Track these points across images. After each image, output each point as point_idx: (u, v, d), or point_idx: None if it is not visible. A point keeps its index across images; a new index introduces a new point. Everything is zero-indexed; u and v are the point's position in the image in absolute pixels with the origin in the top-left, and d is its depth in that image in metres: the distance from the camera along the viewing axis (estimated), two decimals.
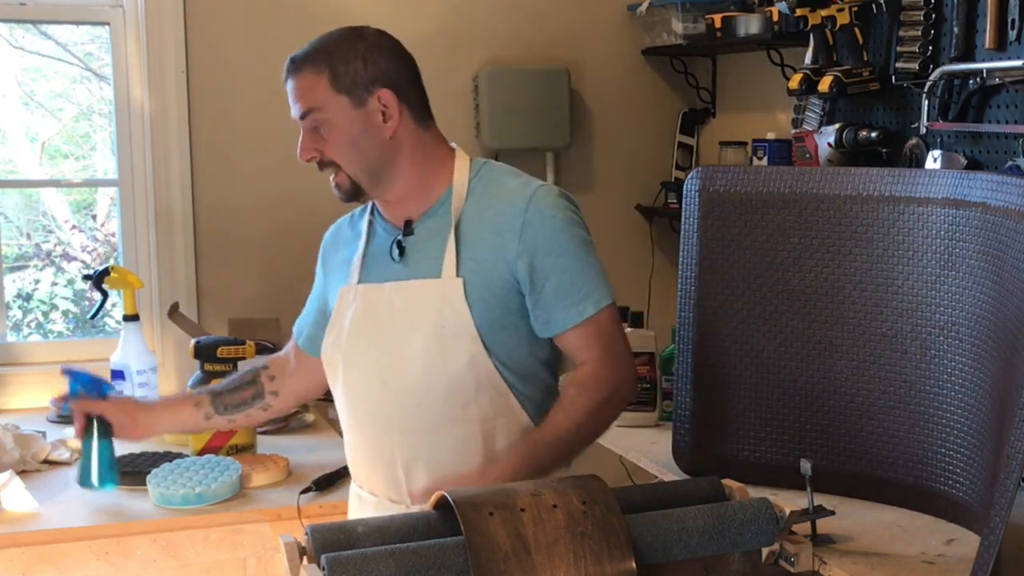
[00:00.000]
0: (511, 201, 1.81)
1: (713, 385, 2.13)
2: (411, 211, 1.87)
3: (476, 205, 1.83)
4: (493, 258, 1.79)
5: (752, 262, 2.09)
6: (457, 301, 1.78)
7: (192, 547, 2.22)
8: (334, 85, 1.79)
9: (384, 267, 1.88)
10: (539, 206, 1.79)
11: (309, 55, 1.82)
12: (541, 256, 1.78)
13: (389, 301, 1.85)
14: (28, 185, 3.61)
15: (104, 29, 3.22)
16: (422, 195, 1.86)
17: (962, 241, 1.85)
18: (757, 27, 3.03)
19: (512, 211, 1.79)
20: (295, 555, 1.41)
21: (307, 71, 1.81)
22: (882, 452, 1.99)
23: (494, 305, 1.80)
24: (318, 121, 1.81)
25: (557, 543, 1.36)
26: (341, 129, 1.81)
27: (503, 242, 1.79)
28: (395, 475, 1.85)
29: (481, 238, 1.81)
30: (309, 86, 1.80)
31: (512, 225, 1.79)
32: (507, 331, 1.81)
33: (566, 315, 1.79)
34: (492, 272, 1.79)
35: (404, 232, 1.87)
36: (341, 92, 1.79)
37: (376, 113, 1.80)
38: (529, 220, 1.78)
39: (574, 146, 3.55)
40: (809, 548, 1.52)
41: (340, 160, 1.84)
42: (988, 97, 2.40)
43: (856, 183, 2.01)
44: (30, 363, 3.14)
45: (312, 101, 1.80)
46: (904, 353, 1.95)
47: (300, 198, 3.32)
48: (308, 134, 1.84)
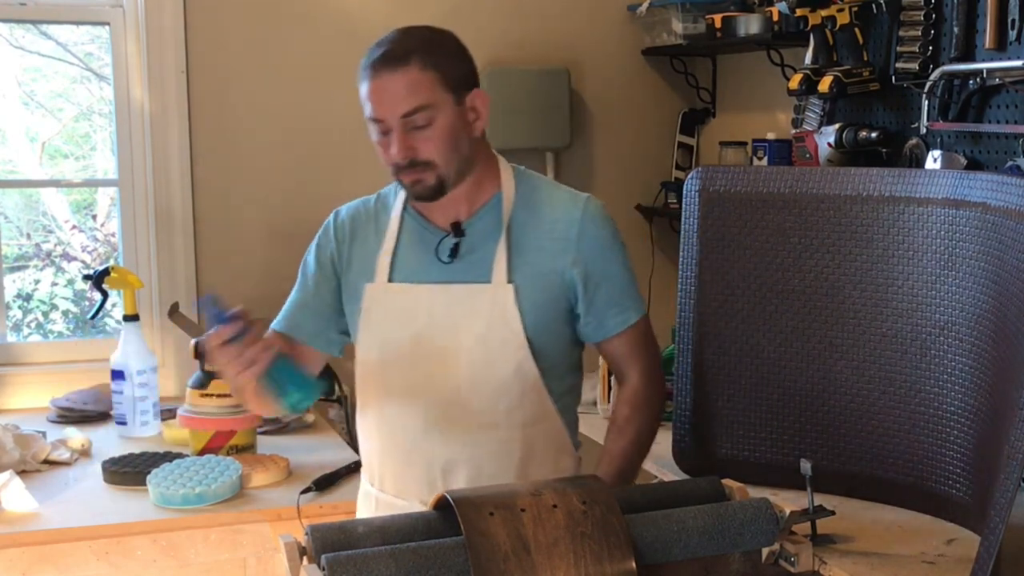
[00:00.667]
0: (566, 210, 1.85)
1: (713, 385, 2.13)
2: (459, 212, 1.85)
3: (526, 211, 1.85)
4: (548, 264, 1.82)
5: (752, 262, 2.09)
6: (508, 307, 1.79)
7: (192, 547, 2.22)
8: (443, 83, 1.75)
9: (424, 267, 1.85)
10: (593, 216, 1.86)
11: (413, 52, 1.74)
12: (594, 264, 1.84)
13: (431, 302, 1.83)
14: (28, 185, 3.61)
15: (104, 29, 3.22)
16: (473, 197, 1.86)
17: (962, 241, 1.85)
18: (757, 27, 3.03)
19: (568, 220, 1.84)
20: (295, 555, 1.41)
21: (414, 68, 1.73)
22: (882, 452, 1.99)
23: (544, 312, 1.82)
24: (424, 119, 1.75)
25: (557, 543, 1.36)
26: (445, 127, 1.76)
27: (559, 249, 1.83)
28: (432, 477, 1.84)
29: (535, 244, 1.83)
30: (417, 83, 1.73)
31: (567, 234, 1.83)
32: (552, 337, 1.84)
33: (615, 321, 1.87)
34: (545, 279, 1.82)
35: (455, 233, 1.85)
36: (448, 90, 1.76)
37: (469, 112, 1.80)
38: (584, 230, 1.84)
39: (574, 146, 3.55)
40: (809, 548, 1.52)
41: (438, 158, 1.77)
42: (988, 97, 2.40)
43: (856, 183, 2.01)
44: (30, 363, 3.14)
45: (422, 98, 1.74)
46: (904, 353, 1.95)
47: (300, 198, 3.32)
48: (405, 133, 1.76)
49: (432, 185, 1.80)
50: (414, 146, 1.76)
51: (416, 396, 1.85)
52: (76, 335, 3.64)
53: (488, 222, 1.84)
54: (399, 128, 1.75)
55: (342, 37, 3.29)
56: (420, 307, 1.84)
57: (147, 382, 2.78)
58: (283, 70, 3.29)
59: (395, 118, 1.75)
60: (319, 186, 3.33)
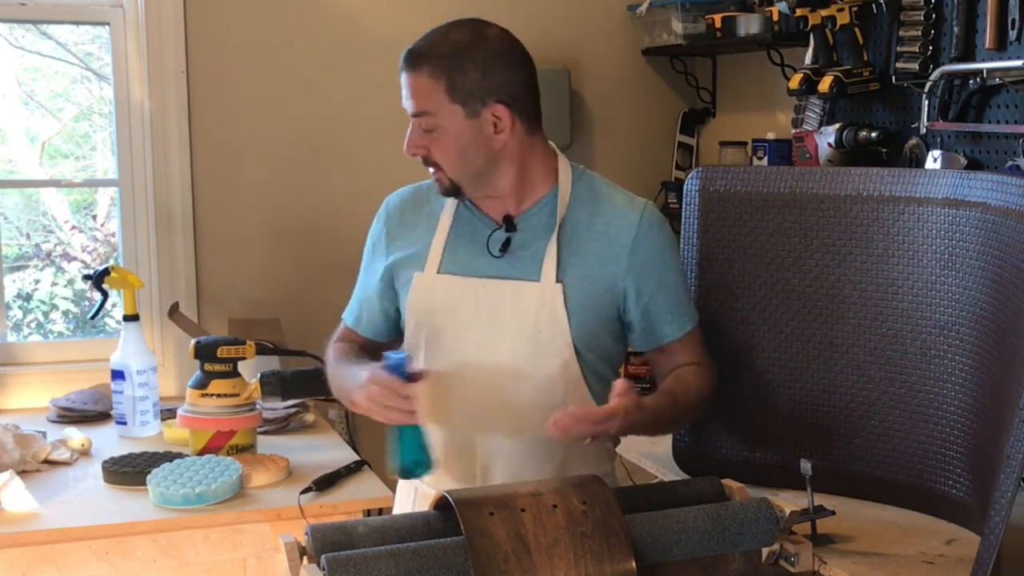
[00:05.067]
0: (623, 214, 1.84)
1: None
2: (510, 207, 1.84)
3: (582, 211, 1.83)
4: (599, 266, 1.81)
5: (752, 262, 2.09)
6: (556, 307, 1.78)
7: (192, 547, 2.22)
8: (450, 94, 1.74)
9: (473, 259, 1.84)
10: (651, 222, 1.85)
11: (430, 56, 1.75)
12: (650, 271, 1.83)
13: (480, 297, 1.81)
14: (28, 185, 3.61)
15: (104, 29, 3.22)
16: (524, 193, 1.84)
17: (962, 241, 1.85)
18: (757, 27, 3.03)
19: (625, 224, 1.82)
20: (295, 555, 1.41)
21: (425, 73, 1.74)
22: (882, 452, 1.99)
23: (592, 313, 1.81)
24: (429, 124, 1.76)
25: (557, 543, 1.36)
26: (451, 137, 1.76)
27: (613, 253, 1.81)
28: (472, 472, 1.84)
29: (588, 245, 1.81)
30: (426, 89, 1.74)
31: (623, 238, 1.81)
32: (596, 340, 1.83)
33: (671, 328, 1.86)
34: (596, 280, 1.81)
35: (506, 228, 1.83)
36: (456, 102, 1.74)
37: (488, 124, 1.77)
38: (642, 235, 1.82)
39: (574, 146, 3.55)
40: (809, 548, 1.53)
41: (444, 164, 1.79)
42: (988, 97, 2.40)
43: (856, 183, 2.01)
44: (30, 363, 3.14)
45: (426, 104, 1.75)
46: (904, 353, 1.95)
47: (300, 198, 3.33)
48: (417, 132, 1.78)
49: (447, 186, 1.81)
50: (425, 145, 1.78)
51: (457, 391, 1.83)
52: (76, 335, 3.64)
53: (541, 218, 1.83)
54: (413, 124, 1.78)
55: (342, 37, 3.29)
56: (467, 300, 1.82)
57: (147, 382, 2.78)
58: (283, 70, 3.29)
59: (410, 115, 1.78)
60: (319, 186, 3.34)
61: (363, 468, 2.49)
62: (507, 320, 1.80)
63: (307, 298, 3.31)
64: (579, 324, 1.79)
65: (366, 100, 3.32)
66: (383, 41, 3.29)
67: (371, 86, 3.31)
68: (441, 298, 1.84)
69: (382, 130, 3.32)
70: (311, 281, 3.33)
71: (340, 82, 3.33)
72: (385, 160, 3.34)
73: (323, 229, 3.34)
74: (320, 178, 3.35)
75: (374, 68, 3.31)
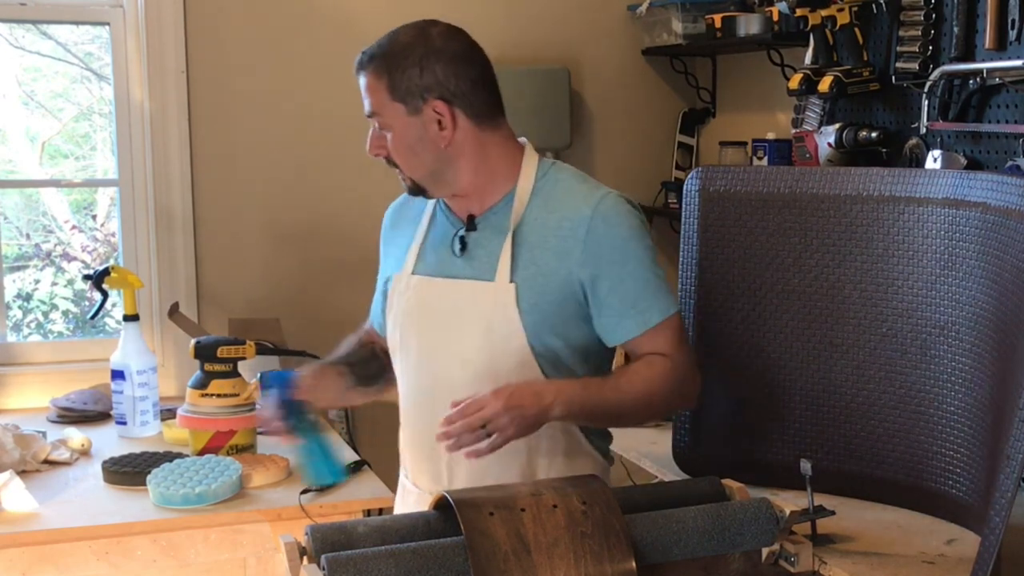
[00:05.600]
0: (577, 207, 1.79)
1: (713, 385, 2.13)
2: (474, 206, 1.85)
3: (540, 208, 1.82)
4: (555, 264, 1.78)
5: (752, 262, 2.09)
6: (508, 307, 1.78)
7: (192, 547, 2.22)
8: (391, 92, 1.77)
9: (441, 259, 1.86)
10: (605, 214, 1.78)
11: (374, 57, 1.79)
12: (606, 265, 1.78)
13: (441, 297, 1.84)
14: (28, 185, 3.61)
15: (104, 29, 3.22)
16: (487, 192, 1.84)
17: (962, 241, 1.85)
18: (757, 27, 3.03)
19: (577, 218, 1.78)
20: (295, 555, 1.41)
21: (371, 73, 1.79)
22: (882, 452, 1.99)
23: (549, 313, 1.79)
24: (381, 124, 1.81)
25: (557, 543, 1.36)
26: (398, 135, 1.80)
27: (567, 248, 1.78)
28: (439, 470, 1.85)
29: (544, 243, 1.80)
30: (372, 88, 1.80)
31: (576, 232, 1.78)
32: (559, 338, 1.80)
33: (632, 323, 1.79)
34: (551, 278, 1.78)
35: (467, 227, 1.85)
36: (397, 100, 1.78)
37: (432, 122, 1.78)
38: (594, 228, 1.77)
39: (574, 146, 3.55)
40: (809, 548, 1.52)
41: (399, 162, 1.83)
42: (988, 97, 2.40)
43: (856, 183, 2.01)
44: (30, 363, 3.14)
45: (374, 104, 1.80)
46: (904, 353, 1.95)
47: (300, 198, 3.33)
48: (375, 132, 1.83)
49: (410, 185, 1.85)
50: (384, 147, 1.83)
51: (423, 390, 1.86)
52: (76, 335, 3.64)
53: (502, 217, 1.83)
54: (373, 126, 1.83)
55: (342, 37, 3.29)
56: (432, 301, 1.85)
57: (147, 382, 2.78)
58: (283, 70, 3.29)
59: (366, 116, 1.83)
60: (319, 186, 3.34)
61: (363, 468, 2.49)
62: (465, 320, 1.81)
63: (307, 298, 3.31)
64: (533, 323, 1.78)
65: None
66: None
67: None
68: (413, 299, 1.87)
69: None
70: (311, 281, 3.33)
71: (340, 82, 3.32)
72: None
73: (323, 229, 3.34)
74: (320, 178, 3.34)
75: None
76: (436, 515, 1.48)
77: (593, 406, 1.75)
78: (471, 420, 1.64)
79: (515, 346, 1.79)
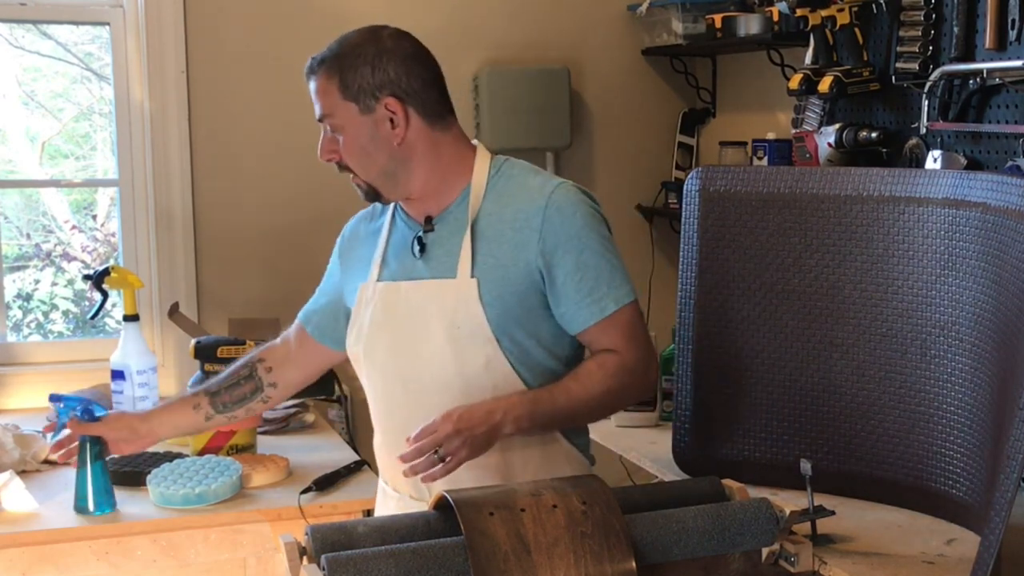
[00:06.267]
0: (530, 199, 1.80)
1: (713, 385, 2.13)
2: (431, 208, 1.86)
3: (495, 203, 1.83)
4: (512, 256, 1.79)
5: (752, 262, 2.09)
6: (472, 302, 1.78)
7: (192, 547, 2.22)
8: (342, 92, 1.79)
9: (403, 263, 1.88)
10: (559, 204, 1.79)
11: (325, 58, 1.82)
12: (561, 254, 1.78)
13: (406, 300, 1.85)
14: (28, 185, 3.61)
15: (104, 29, 3.22)
16: (441, 193, 1.86)
17: (962, 241, 1.85)
18: (757, 27, 3.03)
19: (531, 209, 1.79)
20: (295, 555, 1.41)
21: (322, 75, 1.81)
22: (882, 452, 1.99)
23: (512, 305, 1.79)
24: (332, 126, 1.82)
25: (557, 543, 1.36)
26: (351, 135, 1.81)
27: (523, 240, 1.79)
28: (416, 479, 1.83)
29: (500, 236, 1.80)
30: (323, 90, 1.81)
31: (531, 223, 1.78)
32: (524, 331, 1.81)
33: (588, 312, 1.80)
34: (511, 270, 1.79)
35: (424, 229, 1.86)
36: (349, 99, 1.79)
37: (384, 120, 1.80)
38: (549, 218, 1.78)
39: (574, 146, 3.55)
40: (809, 548, 1.52)
41: (352, 165, 1.84)
42: (988, 97, 2.40)
43: (856, 183, 2.01)
44: (30, 363, 3.14)
45: (325, 106, 1.82)
46: (904, 353, 1.95)
47: (300, 198, 3.33)
48: (327, 137, 1.85)
49: (365, 189, 1.86)
50: (336, 150, 1.84)
51: (394, 393, 1.87)
52: (76, 335, 3.64)
53: (458, 216, 1.84)
54: (324, 131, 1.85)
55: None
56: (398, 305, 1.86)
57: (147, 382, 2.78)
58: (283, 70, 3.28)
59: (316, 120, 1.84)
60: (319, 186, 3.33)
61: (363, 468, 2.49)
62: (429, 321, 1.81)
63: (307, 298, 3.29)
64: (497, 316, 1.78)
65: None
66: None
67: None
68: (378, 305, 1.88)
69: None
70: (311, 281, 3.30)
71: None
72: None
73: (323, 229, 3.32)
74: (320, 178, 3.33)
75: None
76: (436, 515, 1.48)
77: (545, 416, 1.77)
78: (423, 445, 1.67)
79: (481, 341, 1.79)
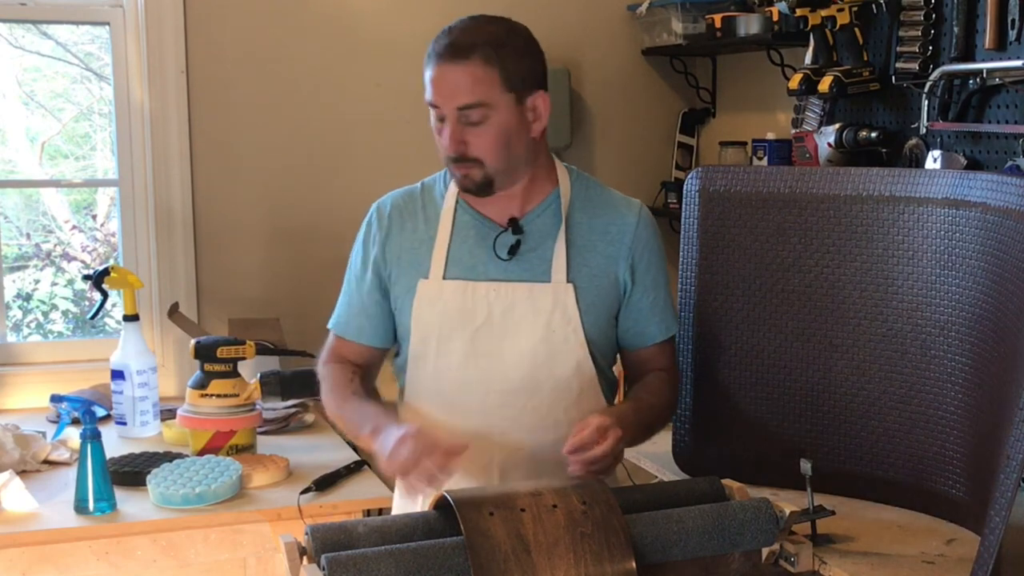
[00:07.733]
0: (622, 213, 1.88)
1: (713, 385, 2.13)
2: (514, 209, 1.85)
3: (583, 211, 1.86)
4: (604, 266, 1.85)
5: (752, 262, 2.09)
6: (568, 306, 1.81)
7: (192, 547, 2.22)
8: (504, 82, 1.73)
9: (479, 262, 1.84)
10: (647, 223, 1.91)
11: (478, 46, 1.71)
12: (645, 271, 1.88)
13: (488, 301, 1.82)
14: (28, 185, 3.61)
15: (104, 29, 3.22)
16: (532, 192, 1.86)
17: (962, 241, 1.85)
18: (757, 27, 3.03)
19: (624, 223, 1.87)
20: (295, 555, 1.41)
21: (477, 62, 1.71)
22: (882, 452, 1.99)
23: (601, 311, 1.85)
24: (479, 116, 1.73)
25: (557, 543, 1.36)
26: (498, 126, 1.75)
27: (615, 251, 1.85)
28: (490, 479, 1.83)
29: (592, 245, 1.85)
30: (479, 79, 1.72)
31: (623, 237, 1.86)
32: (604, 338, 1.87)
33: (657, 329, 1.91)
34: (602, 279, 1.85)
35: (513, 230, 1.83)
36: (509, 90, 1.74)
37: (529, 112, 1.78)
38: (639, 235, 1.88)
39: (574, 146, 3.55)
40: (809, 548, 1.53)
41: (487, 156, 1.76)
42: (988, 97, 2.40)
43: (856, 183, 2.01)
44: (30, 363, 3.14)
45: (481, 95, 1.72)
46: (904, 353, 1.95)
47: (300, 198, 3.32)
48: (459, 126, 1.75)
49: (479, 182, 1.79)
50: (466, 140, 1.75)
51: (472, 395, 1.83)
52: (76, 335, 3.64)
53: (546, 220, 1.85)
54: (453, 120, 1.75)
55: (342, 37, 3.29)
56: (478, 304, 1.82)
57: (147, 382, 2.78)
58: (283, 70, 3.29)
59: (451, 110, 1.74)
60: (319, 186, 3.34)
61: (363, 468, 2.49)
62: (520, 322, 1.81)
63: (307, 298, 3.31)
64: (591, 323, 1.83)
65: (366, 100, 3.32)
66: (383, 41, 3.29)
67: (371, 86, 3.31)
68: (450, 304, 1.82)
69: (382, 129, 3.32)
70: (311, 281, 3.33)
71: (340, 82, 3.33)
72: (385, 159, 3.34)
73: (323, 229, 3.34)
74: (320, 178, 3.34)
75: (374, 68, 3.31)
76: (436, 515, 1.48)
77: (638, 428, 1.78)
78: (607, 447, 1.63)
79: (573, 346, 1.82)
